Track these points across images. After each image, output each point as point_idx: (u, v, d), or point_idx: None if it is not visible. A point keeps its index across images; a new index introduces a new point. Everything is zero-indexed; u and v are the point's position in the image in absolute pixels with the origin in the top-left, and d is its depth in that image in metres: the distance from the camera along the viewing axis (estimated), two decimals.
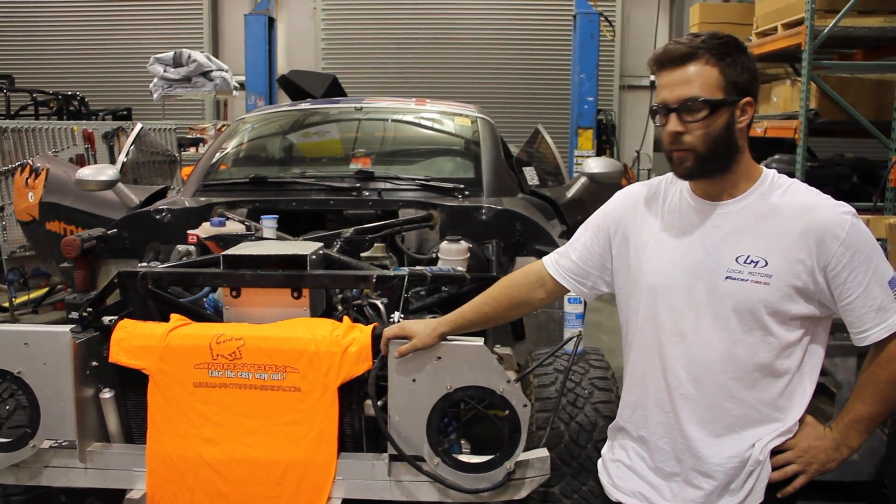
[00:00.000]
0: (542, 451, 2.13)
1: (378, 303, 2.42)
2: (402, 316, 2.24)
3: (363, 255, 2.93)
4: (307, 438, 2.08)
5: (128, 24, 11.78)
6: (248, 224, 3.07)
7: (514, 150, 4.66)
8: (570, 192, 3.94)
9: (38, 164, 4.64)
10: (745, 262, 1.58)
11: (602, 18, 8.89)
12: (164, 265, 2.64)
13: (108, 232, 3.18)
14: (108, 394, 2.23)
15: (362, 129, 4.14)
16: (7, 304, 6.04)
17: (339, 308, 2.49)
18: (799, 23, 4.85)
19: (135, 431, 2.28)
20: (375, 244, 2.98)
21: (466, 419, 2.16)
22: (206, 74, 8.79)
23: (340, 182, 3.43)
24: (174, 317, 2.26)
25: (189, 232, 2.95)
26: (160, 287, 2.41)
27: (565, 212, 3.77)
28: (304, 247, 2.48)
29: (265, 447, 2.08)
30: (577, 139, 8.65)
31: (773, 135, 5.20)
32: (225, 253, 2.41)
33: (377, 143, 4.03)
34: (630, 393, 1.77)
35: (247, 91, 9.53)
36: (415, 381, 2.00)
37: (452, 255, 2.76)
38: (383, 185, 3.39)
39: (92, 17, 11.88)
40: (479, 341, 2.01)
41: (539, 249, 2.93)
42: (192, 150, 8.66)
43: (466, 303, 1.96)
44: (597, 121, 8.87)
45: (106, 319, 2.27)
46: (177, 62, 8.73)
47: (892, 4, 4.75)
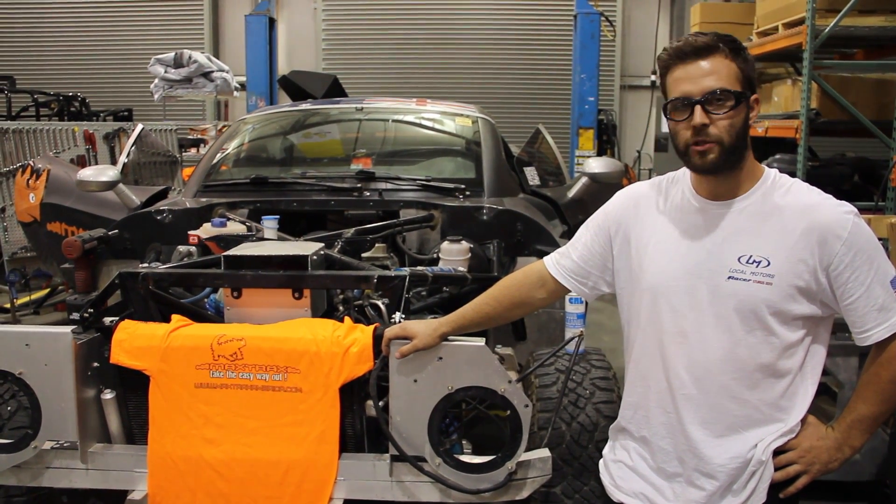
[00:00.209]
0: (544, 452, 2.12)
1: (379, 303, 2.42)
2: (404, 316, 2.24)
3: (364, 255, 2.93)
4: (308, 439, 2.08)
5: (128, 26, 11.80)
6: (249, 225, 3.07)
7: (514, 150, 4.65)
8: (571, 192, 3.94)
9: (40, 165, 4.64)
10: (748, 262, 1.57)
11: (603, 18, 8.90)
12: (165, 266, 2.64)
13: (110, 233, 3.18)
14: (109, 394, 2.23)
15: (363, 129, 4.14)
16: (8, 305, 6.04)
17: (341, 308, 2.49)
18: (800, 22, 4.85)
19: (136, 432, 2.28)
20: (376, 244, 2.98)
21: (468, 419, 2.16)
22: (206, 75, 8.80)
23: (341, 182, 3.43)
24: (175, 317, 2.25)
25: (190, 233, 2.95)
26: (161, 288, 2.41)
27: (566, 212, 3.77)
28: (305, 247, 2.47)
29: (266, 448, 2.08)
30: (577, 139, 8.66)
31: (775, 134, 5.20)
32: (226, 253, 2.40)
33: (378, 144, 4.02)
34: (632, 393, 1.77)
35: (247, 92, 9.55)
36: (416, 381, 2.00)
37: (453, 255, 2.76)
38: (384, 186, 3.39)
39: (93, 18, 11.90)
40: (480, 341, 2.00)
41: (540, 249, 2.92)
42: (193, 150, 8.65)
43: (467, 303, 1.95)
44: (597, 121, 8.89)
45: (107, 320, 2.27)
46: (177, 63, 8.75)
47: (893, 4, 4.75)
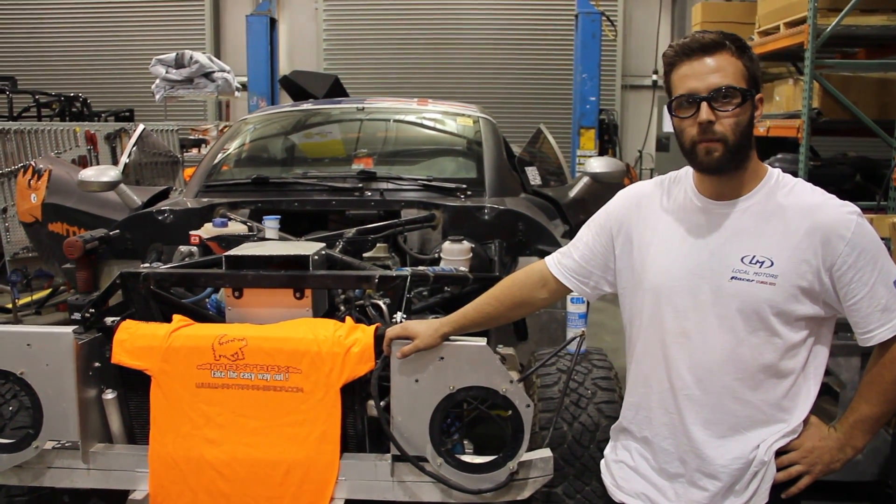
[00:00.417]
0: (546, 452, 2.12)
1: (380, 303, 2.42)
2: (405, 316, 2.24)
3: (365, 255, 2.93)
4: (310, 439, 2.08)
5: (130, 26, 11.81)
6: (250, 225, 3.07)
7: (516, 149, 4.65)
8: (573, 192, 3.93)
9: (41, 166, 4.64)
10: (751, 263, 1.57)
11: (604, 18, 8.89)
12: (166, 266, 2.64)
13: (111, 233, 3.18)
14: (110, 394, 2.24)
15: (364, 129, 4.14)
16: (10, 306, 6.05)
17: (342, 308, 2.49)
18: (801, 21, 4.84)
19: (137, 432, 2.28)
20: (378, 244, 2.98)
21: (469, 419, 2.16)
22: (207, 75, 8.81)
23: (342, 182, 3.42)
24: (176, 317, 2.26)
25: (191, 233, 2.95)
26: (162, 288, 2.41)
27: (567, 211, 3.76)
28: (307, 247, 2.47)
29: (267, 448, 2.08)
30: (579, 139, 8.67)
31: (776, 134, 5.19)
32: (227, 253, 2.41)
33: (379, 144, 4.02)
34: (633, 393, 1.77)
35: (249, 92, 9.55)
36: (417, 381, 2.00)
37: (455, 255, 2.76)
38: (385, 186, 3.38)
39: (94, 18, 11.91)
40: (481, 341, 2.00)
41: (541, 249, 2.92)
42: (195, 150, 8.65)
43: (469, 303, 1.95)
44: (599, 120, 8.89)
45: (108, 320, 2.27)
46: (179, 63, 8.76)
47: (895, 3, 4.74)
